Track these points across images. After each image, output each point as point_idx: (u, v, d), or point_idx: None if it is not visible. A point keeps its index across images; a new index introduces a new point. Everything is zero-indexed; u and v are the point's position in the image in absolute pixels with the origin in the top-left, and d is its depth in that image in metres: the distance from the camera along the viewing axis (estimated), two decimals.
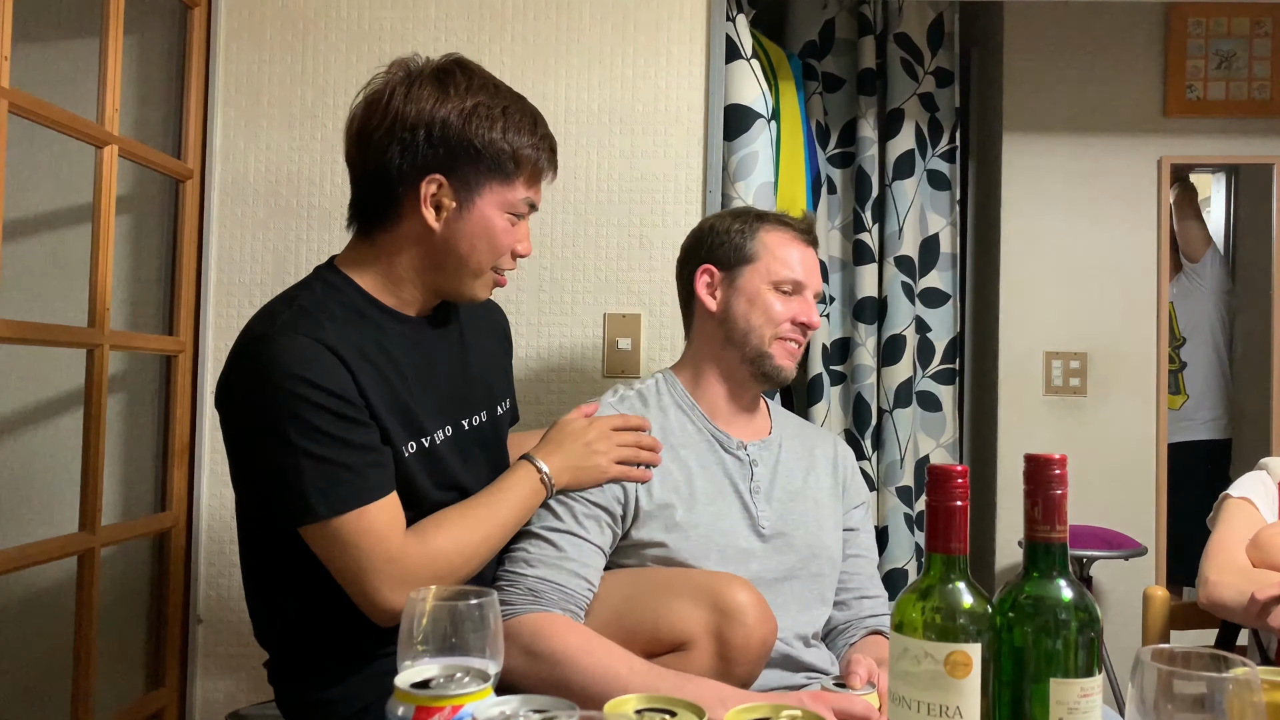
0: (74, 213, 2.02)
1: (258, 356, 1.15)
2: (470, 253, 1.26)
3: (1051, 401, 2.87)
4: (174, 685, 1.98)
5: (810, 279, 1.46)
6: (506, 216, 1.26)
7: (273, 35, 2.01)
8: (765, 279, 1.44)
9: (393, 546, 1.16)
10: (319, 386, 1.13)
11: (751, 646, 1.22)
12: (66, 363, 1.92)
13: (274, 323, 1.18)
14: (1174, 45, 2.88)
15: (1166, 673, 0.72)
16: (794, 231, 1.48)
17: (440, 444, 1.28)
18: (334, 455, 1.14)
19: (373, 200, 1.26)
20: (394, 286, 1.28)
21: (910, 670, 0.80)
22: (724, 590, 1.24)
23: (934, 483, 0.83)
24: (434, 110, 1.21)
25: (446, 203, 1.23)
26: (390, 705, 0.78)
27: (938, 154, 2.75)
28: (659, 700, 0.86)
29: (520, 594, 1.27)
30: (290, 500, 1.15)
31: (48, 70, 1.95)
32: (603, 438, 1.36)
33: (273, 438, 1.14)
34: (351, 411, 1.16)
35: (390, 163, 1.22)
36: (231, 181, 2.01)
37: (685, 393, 1.48)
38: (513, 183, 1.25)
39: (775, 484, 1.45)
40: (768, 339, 1.43)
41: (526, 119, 1.26)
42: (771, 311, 1.43)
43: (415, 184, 1.22)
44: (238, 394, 1.19)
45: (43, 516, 1.93)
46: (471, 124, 1.21)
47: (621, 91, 1.99)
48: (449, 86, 1.22)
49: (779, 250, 1.45)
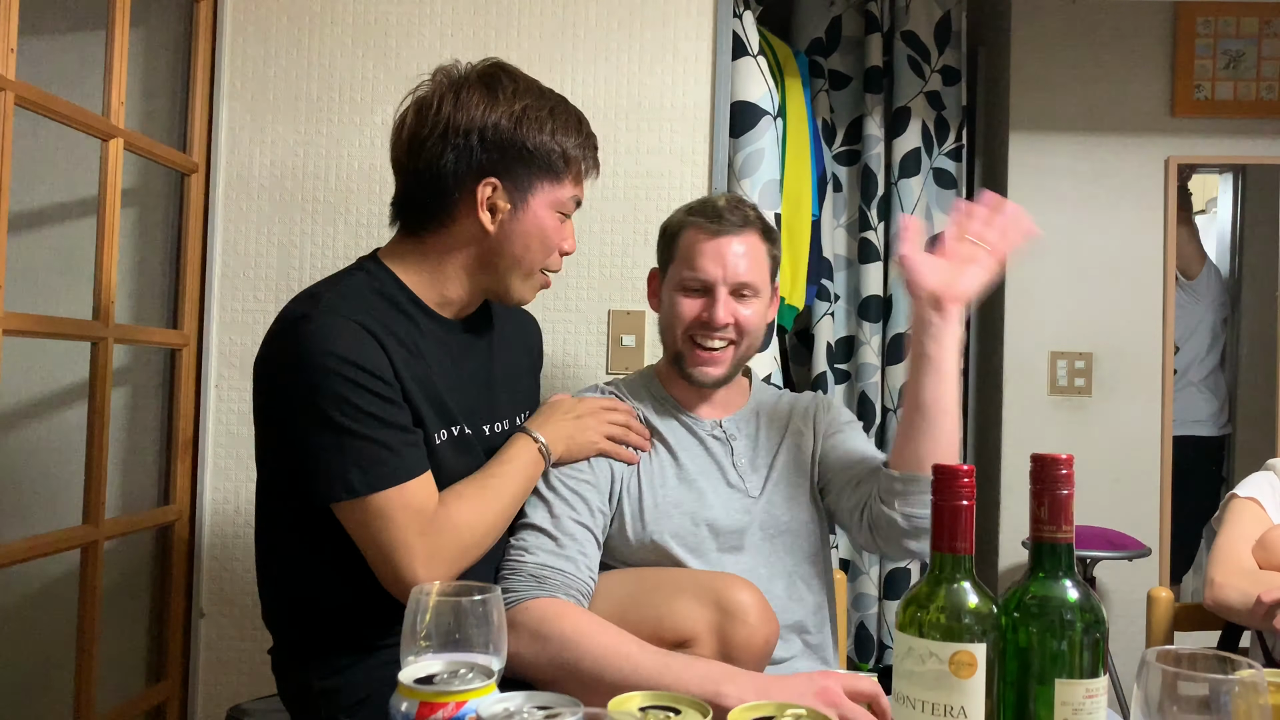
0: (79, 206, 2.02)
1: (299, 336, 1.18)
2: (524, 253, 1.29)
3: (1056, 401, 2.86)
4: (176, 679, 1.98)
5: (719, 272, 1.39)
6: (557, 215, 1.30)
7: (278, 29, 2.01)
8: (674, 283, 1.44)
9: (425, 522, 1.18)
10: (359, 366, 1.16)
11: (754, 645, 1.22)
12: (71, 356, 1.92)
13: (316, 304, 1.21)
14: (1182, 45, 2.87)
15: (1172, 674, 0.72)
16: (702, 222, 1.42)
17: (468, 438, 1.31)
18: (374, 434, 1.16)
19: (425, 202, 1.28)
20: (439, 285, 1.30)
21: (915, 670, 0.80)
22: (727, 590, 1.25)
23: (940, 482, 0.82)
24: (485, 115, 1.24)
25: (501, 205, 1.26)
26: (394, 700, 0.78)
27: (944, 152, 2.74)
28: (663, 698, 0.85)
29: (524, 580, 1.27)
30: (328, 477, 1.17)
31: (54, 63, 1.95)
32: (592, 414, 1.40)
33: (313, 415, 1.16)
34: (389, 392, 1.18)
35: (445, 168, 1.24)
36: (237, 175, 2.01)
37: (659, 385, 1.51)
38: (562, 181, 1.29)
39: (757, 452, 1.46)
40: (679, 342, 1.43)
41: (572, 120, 1.31)
42: (674, 312, 1.43)
43: (471, 188, 1.25)
44: (276, 372, 1.21)
45: (46, 509, 1.93)
46: (523, 127, 1.25)
47: (627, 87, 1.99)
48: (497, 91, 1.26)
49: (684, 248, 1.43)
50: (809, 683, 1.08)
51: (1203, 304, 3.10)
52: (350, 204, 2.00)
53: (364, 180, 2.00)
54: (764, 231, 1.45)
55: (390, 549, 1.17)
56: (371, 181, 2.00)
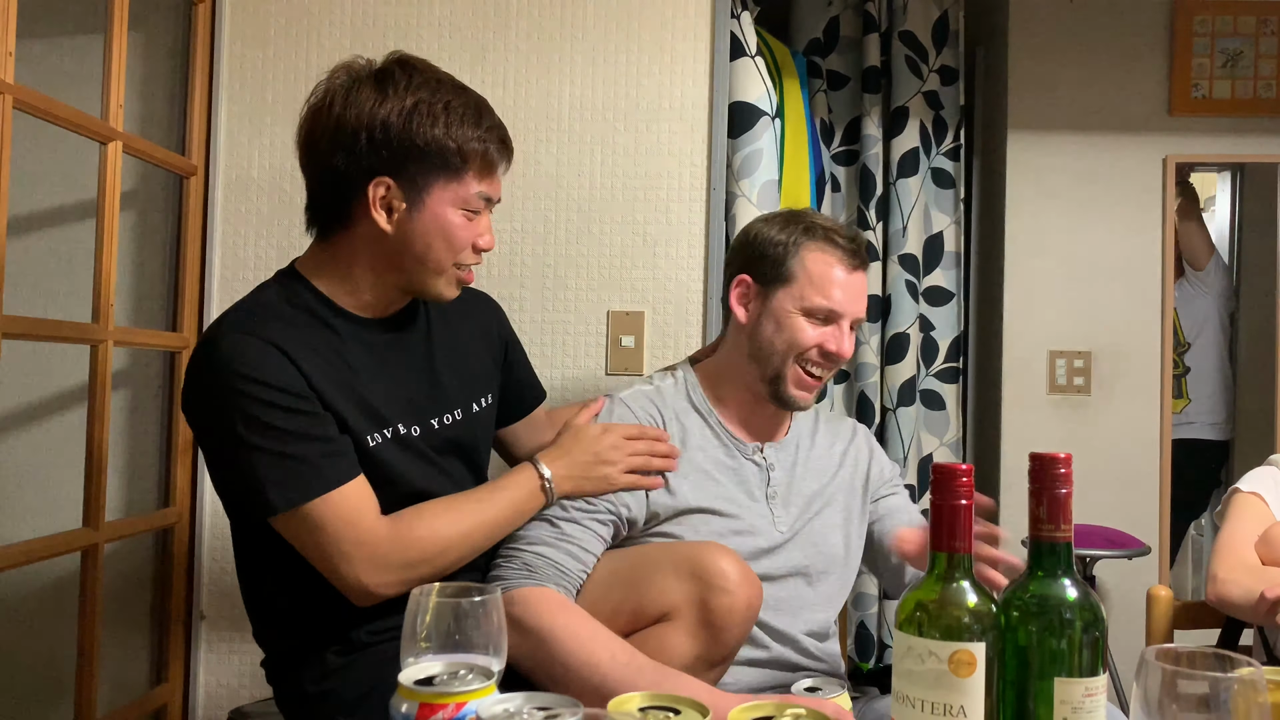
0: (78, 209, 2.02)
1: (207, 359, 1.18)
2: (427, 251, 1.25)
3: (1055, 400, 2.86)
4: (177, 680, 1.98)
5: (849, 306, 1.38)
6: (461, 213, 1.25)
7: (277, 32, 2.01)
8: (798, 303, 1.37)
9: (361, 530, 1.17)
10: (264, 383, 1.15)
11: (736, 611, 1.21)
12: (70, 358, 1.92)
13: (220, 325, 1.21)
14: (1180, 44, 2.87)
15: (1171, 672, 0.72)
16: (840, 254, 1.38)
17: (413, 438, 1.29)
18: (286, 449, 1.16)
19: (325, 205, 1.26)
20: (352, 289, 1.28)
21: (914, 669, 0.80)
22: (705, 558, 1.23)
23: (939, 481, 0.82)
24: (374, 112, 1.20)
25: (396, 204, 1.23)
26: (394, 702, 0.78)
27: (942, 152, 2.74)
28: (663, 698, 0.86)
29: (516, 568, 1.27)
30: (251, 495, 1.17)
31: (53, 66, 1.95)
32: (615, 447, 1.34)
33: (228, 436, 1.16)
34: (300, 404, 1.17)
35: (337, 168, 1.22)
36: (235, 178, 2.01)
37: (704, 398, 1.46)
38: (463, 178, 1.24)
39: (792, 487, 1.43)
40: (788, 364, 1.38)
41: (470, 112, 1.24)
42: (796, 337, 1.37)
43: (363, 188, 1.22)
44: (193, 398, 1.22)
45: (47, 512, 1.93)
46: (412, 123, 1.21)
47: (625, 88, 1.99)
48: (388, 87, 1.22)
49: (817, 275, 1.37)
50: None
51: (1210, 295, 3.09)
52: None
53: None
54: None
55: (326, 558, 1.18)
56: None
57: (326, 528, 1.16)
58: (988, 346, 3.01)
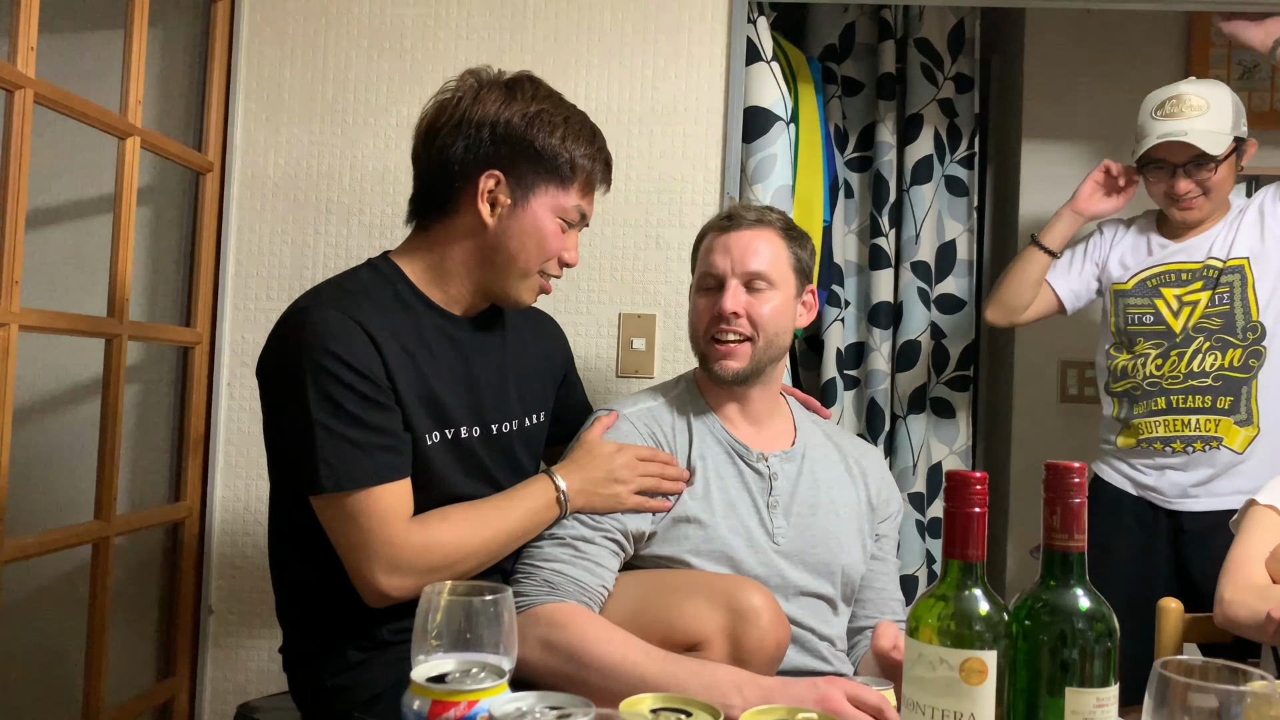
0: (95, 203, 2.03)
1: (295, 327, 1.21)
2: (519, 251, 1.29)
3: (1066, 410, 2.85)
4: (185, 674, 1.99)
5: (730, 263, 1.41)
6: (558, 221, 1.31)
7: (295, 30, 2.02)
8: (696, 286, 1.47)
9: (393, 532, 1.19)
10: (346, 363, 1.17)
11: (765, 649, 1.22)
12: (85, 352, 1.93)
13: (316, 297, 1.24)
14: (1196, 55, 2.86)
15: (1183, 685, 0.72)
16: (716, 225, 1.47)
17: (469, 440, 1.31)
18: (347, 432, 1.17)
19: (432, 192, 1.30)
20: (442, 280, 1.32)
21: (925, 676, 0.80)
22: (738, 592, 1.25)
23: (953, 489, 0.82)
24: (499, 111, 1.27)
25: (502, 199, 1.28)
26: (406, 699, 0.79)
27: (956, 160, 2.74)
28: (674, 700, 0.86)
29: (536, 585, 1.27)
30: (302, 466, 1.19)
31: (73, 62, 1.96)
32: (627, 467, 1.37)
33: (298, 406, 1.18)
34: (374, 392, 1.19)
35: (453, 156, 1.27)
36: (251, 175, 2.02)
37: (705, 402, 1.47)
38: (567, 189, 1.30)
39: (795, 498, 1.43)
40: (702, 342, 1.44)
41: (586, 131, 1.32)
42: (693, 315, 1.46)
43: (474, 177, 1.27)
44: (273, 360, 1.24)
45: (58, 505, 1.94)
46: (534, 127, 1.27)
47: (641, 92, 1.99)
48: (516, 93, 1.29)
49: (703, 252, 1.46)
50: (812, 689, 1.08)
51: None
52: (364, 205, 2.01)
53: (377, 181, 2.01)
54: (784, 230, 1.44)
55: (351, 548, 1.19)
56: (385, 183, 2.01)
57: (360, 520, 1.18)
58: (999, 355, 3.00)
